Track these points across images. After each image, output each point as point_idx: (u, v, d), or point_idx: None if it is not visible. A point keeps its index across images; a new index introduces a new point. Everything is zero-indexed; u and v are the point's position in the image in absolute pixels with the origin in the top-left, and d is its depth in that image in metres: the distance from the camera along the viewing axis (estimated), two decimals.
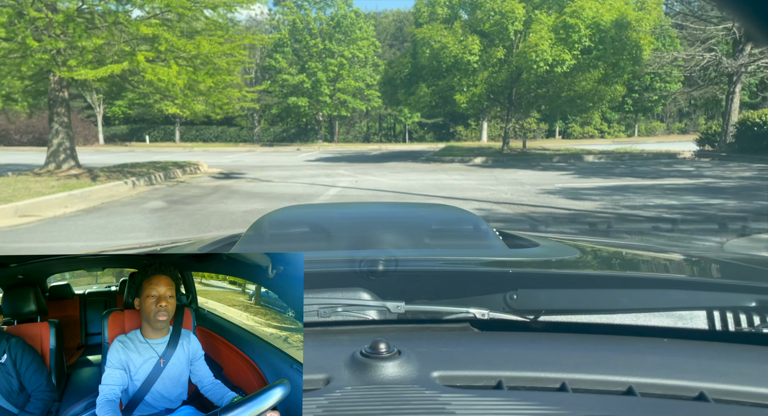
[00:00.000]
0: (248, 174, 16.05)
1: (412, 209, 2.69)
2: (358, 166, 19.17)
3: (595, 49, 19.85)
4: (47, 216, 8.72)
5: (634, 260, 1.90)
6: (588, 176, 14.70)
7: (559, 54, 19.34)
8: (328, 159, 23.42)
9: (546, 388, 0.81)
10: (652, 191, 11.03)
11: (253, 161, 22.69)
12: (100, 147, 35.64)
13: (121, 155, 25.24)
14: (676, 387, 0.81)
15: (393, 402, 0.74)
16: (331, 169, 17.83)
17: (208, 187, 12.72)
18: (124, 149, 33.33)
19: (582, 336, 1.06)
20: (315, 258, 1.49)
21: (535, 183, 12.71)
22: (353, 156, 25.68)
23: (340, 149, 33.45)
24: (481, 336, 1.07)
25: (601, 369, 0.85)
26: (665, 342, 1.01)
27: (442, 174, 15.61)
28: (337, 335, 1.06)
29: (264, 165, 19.97)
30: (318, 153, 29.04)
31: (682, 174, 14.64)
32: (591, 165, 18.55)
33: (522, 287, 1.28)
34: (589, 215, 8.19)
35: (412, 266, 1.39)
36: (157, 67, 11.86)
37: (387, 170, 17.38)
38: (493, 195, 10.65)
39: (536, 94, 22.94)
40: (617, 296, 1.29)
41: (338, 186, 12.50)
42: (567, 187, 11.96)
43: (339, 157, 25.16)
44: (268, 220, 2.03)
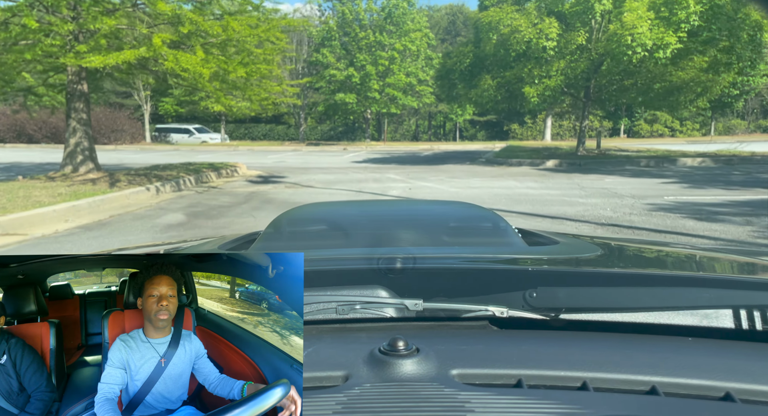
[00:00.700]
0: (288, 178, 15.47)
1: (431, 207, 2.78)
2: (411, 169, 18.23)
3: (705, 30, 16.83)
4: (34, 235, 7.56)
5: (657, 257, 1.92)
6: (701, 185, 12.64)
7: (661, 37, 16.38)
8: (377, 160, 22.77)
9: (567, 387, 0.84)
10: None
11: (297, 161, 22.37)
12: (146, 146, 36.74)
13: (162, 155, 25.92)
14: (701, 386, 0.82)
15: (412, 400, 0.77)
16: (380, 172, 17.05)
17: (241, 194, 11.91)
18: (169, 148, 34.22)
19: (603, 335, 1.08)
20: (333, 256, 1.58)
21: (636, 195, 10.89)
22: (404, 157, 24.98)
23: (389, 149, 33.16)
24: (501, 334, 1.11)
25: (624, 368, 0.87)
26: (690, 340, 1.02)
27: (510, 180, 14.21)
28: (355, 332, 1.11)
29: (307, 167, 19.47)
30: (365, 153, 28.64)
31: None
32: (694, 171, 16.66)
33: (542, 285, 1.32)
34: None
35: (431, 263, 1.44)
36: (179, 53, 10.71)
37: (444, 174, 16.28)
38: (589, 212, 8.93)
39: (620, 87, 20.39)
40: (639, 294, 1.31)
41: (389, 195, 11.50)
42: (683, 201, 9.93)
43: (388, 158, 24.60)
44: (287, 217, 2.14)
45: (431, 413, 0.74)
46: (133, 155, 24.71)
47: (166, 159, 20.80)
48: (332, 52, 40.05)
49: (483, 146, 33.16)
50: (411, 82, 39.64)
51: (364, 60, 38.74)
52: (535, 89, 19.13)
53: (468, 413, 0.74)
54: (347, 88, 39.50)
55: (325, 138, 48.59)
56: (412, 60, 40.63)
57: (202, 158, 22.56)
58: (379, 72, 39.05)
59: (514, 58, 19.48)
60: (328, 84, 40.19)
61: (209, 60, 11.20)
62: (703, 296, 1.27)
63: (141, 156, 24.14)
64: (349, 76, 38.64)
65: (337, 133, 49.57)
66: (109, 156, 23.21)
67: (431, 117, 50.78)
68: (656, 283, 1.36)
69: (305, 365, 0.90)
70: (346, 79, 38.87)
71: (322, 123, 49.15)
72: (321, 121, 48.76)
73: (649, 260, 1.87)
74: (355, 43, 39.61)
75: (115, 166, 17.40)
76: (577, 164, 18.81)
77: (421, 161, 22.19)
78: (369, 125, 43.62)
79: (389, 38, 39.11)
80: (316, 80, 40.03)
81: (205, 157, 23.53)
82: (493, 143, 38.82)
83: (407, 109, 44.49)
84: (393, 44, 39.03)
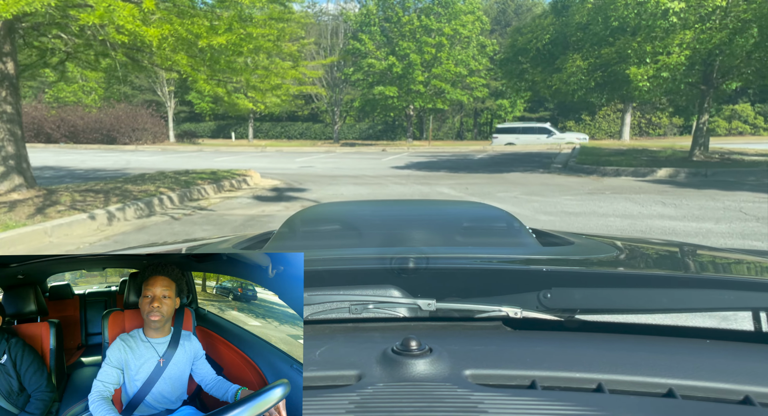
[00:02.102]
0: (310, 190, 13.71)
1: (444, 207, 3.00)
2: (468, 179, 15.90)
3: None
4: None
5: (674, 258, 2.04)
6: None
7: None
8: (422, 165, 21.07)
9: (582, 389, 0.92)
10: None
11: (326, 166, 21.20)
12: (169, 146, 37.44)
13: (179, 157, 26.32)
14: (719, 389, 0.90)
15: (424, 400, 0.86)
16: (428, 184, 14.90)
17: (234, 221, 9.95)
18: (193, 149, 34.58)
19: (619, 336, 1.18)
20: (347, 255, 1.75)
21: None
22: (454, 161, 23.15)
23: (434, 150, 32.20)
24: (514, 334, 1.22)
25: (640, 370, 0.95)
26: (708, 343, 1.11)
27: (622, 200, 11.53)
28: (368, 332, 1.23)
29: (337, 174, 17.82)
30: (407, 155, 27.72)
31: None
32: None
33: (556, 286, 1.43)
34: None
35: (444, 263, 1.57)
36: (115, 1, 7.70)
37: (517, 188, 13.72)
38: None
39: (759, 69, 16.41)
40: (656, 295, 1.40)
41: None
42: None
43: (435, 162, 22.85)
44: (300, 217, 2.36)
45: (444, 413, 0.82)
46: (143, 157, 24.97)
47: (177, 163, 20.97)
48: (372, 38, 39.64)
49: (545, 148, 31.32)
50: (460, 72, 38.99)
51: (408, 48, 38.22)
52: (644, 70, 15.56)
53: (481, 414, 0.81)
54: (388, 81, 39.10)
55: (363, 137, 49.22)
56: (462, 47, 40.04)
57: (216, 162, 22.13)
58: (425, 61, 38.50)
59: (614, 30, 16.72)
60: (366, 76, 39.95)
61: (154, 13, 8.45)
62: (722, 298, 1.36)
63: (153, 159, 24.37)
64: (390, 66, 38.13)
65: (376, 132, 50.16)
66: (117, 158, 23.62)
67: (477, 114, 50.79)
68: (673, 284, 1.45)
69: (318, 364, 1.00)
70: (386, 69, 38.43)
71: (361, 121, 49.73)
72: (359, 119, 49.38)
73: (666, 260, 1.98)
74: (398, 28, 39.23)
75: (113, 172, 17.49)
76: (702, 175, 15.85)
77: (478, 167, 20.12)
78: (411, 123, 43.19)
79: (437, 22, 38.46)
80: (352, 72, 40.01)
81: (223, 160, 23.41)
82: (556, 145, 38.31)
83: (454, 104, 44.11)
84: (441, 29, 38.36)
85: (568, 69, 17.81)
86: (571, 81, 17.89)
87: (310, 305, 1.35)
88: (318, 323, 1.31)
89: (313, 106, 46.60)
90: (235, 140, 46.62)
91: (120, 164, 20.79)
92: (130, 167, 20.00)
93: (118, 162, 21.38)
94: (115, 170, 18.66)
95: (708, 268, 1.88)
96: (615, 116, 44.75)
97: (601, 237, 2.27)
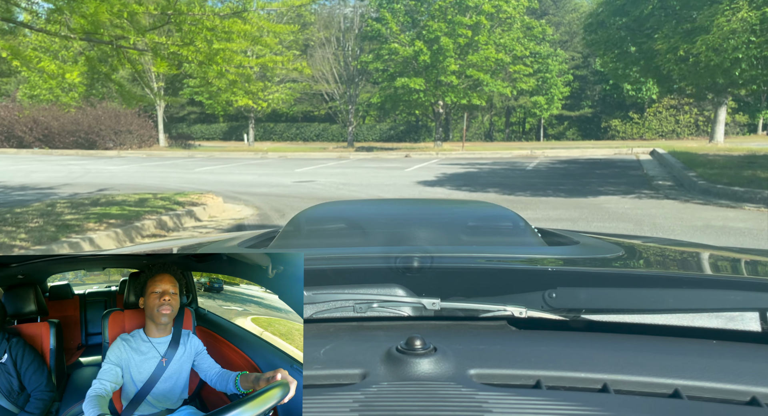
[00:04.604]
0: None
1: (449, 206, 3.45)
2: (545, 210, 12.42)
3: None
4: None
5: (680, 257, 2.33)
6: None
7: None
8: (461, 180, 18.78)
9: (587, 389, 1.09)
10: None
11: (330, 180, 19.28)
12: (158, 151, 37.51)
13: (157, 165, 26.22)
14: (725, 390, 1.06)
15: (429, 399, 1.01)
16: None
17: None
18: (182, 154, 34.57)
19: (624, 336, 1.40)
20: (351, 254, 2.08)
21: None
22: (502, 173, 20.97)
23: (469, 156, 30.89)
24: (519, 334, 1.46)
25: (645, 371, 1.12)
26: (714, 343, 1.34)
27: None
28: (372, 330, 1.46)
29: (341, 195, 15.79)
30: (437, 163, 26.47)
31: None
32: None
33: (561, 285, 1.65)
34: None
35: (448, 262, 1.85)
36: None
37: (622, 224, 10.66)
38: None
39: None
40: (662, 295, 1.64)
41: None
42: None
43: (476, 174, 20.96)
44: (305, 216, 2.74)
45: (448, 412, 0.96)
46: (112, 167, 24.45)
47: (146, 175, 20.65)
48: (395, 17, 38.23)
49: (611, 153, 30.13)
50: (502, 60, 37.07)
51: (438, 29, 36.20)
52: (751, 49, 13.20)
53: (486, 413, 0.95)
54: (412, 71, 37.70)
55: (383, 138, 49.87)
56: (503, 29, 38.81)
57: (195, 173, 22.24)
58: (459, 47, 36.74)
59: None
60: (386, 65, 38.74)
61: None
62: (728, 298, 1.59)
63: (119, 170, 23.69)
64: (417, 52, 36.41)
65: (398, 132, 50.71)
66: (76, 169, 23.18)
67: (509, 112, 51.08)
68: (679, 284, 1.72)
69: (323, 362, 1.18)
70: (411, 57, 36.99)
71: (381, 121, 50.38)
72: (380, 119, 50.01)
73: (672, 260, 2.27)
74: (425, 7, 38.24)
75: (20, 195, 15.45)
76: None
77: (541, 184, 17.23)
78: (440, 123, 41.13)
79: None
80: (371, 60, 39.04)
81: (204, 170, 22.62)
82: (590, 144, 37.91)
83: (496, 97, 43.22)
84: (479, 6, 36.35)
85: (722, 25, 13.47)
86: (728, 46, 13.56)
87: (314, 303, 1.55)
88: (322, 321, 1.54)
89: (330, 104, 46.80)
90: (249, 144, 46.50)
91: (67, 178, 19.61)
92: (74, 182, 19.34)
93: (71, 175, 20.51)
94: (41, 189, 16.79)
95: (715, 268, 2.16)
96: (668, 113, 44.96)
97: (607, 237, 2.62)
